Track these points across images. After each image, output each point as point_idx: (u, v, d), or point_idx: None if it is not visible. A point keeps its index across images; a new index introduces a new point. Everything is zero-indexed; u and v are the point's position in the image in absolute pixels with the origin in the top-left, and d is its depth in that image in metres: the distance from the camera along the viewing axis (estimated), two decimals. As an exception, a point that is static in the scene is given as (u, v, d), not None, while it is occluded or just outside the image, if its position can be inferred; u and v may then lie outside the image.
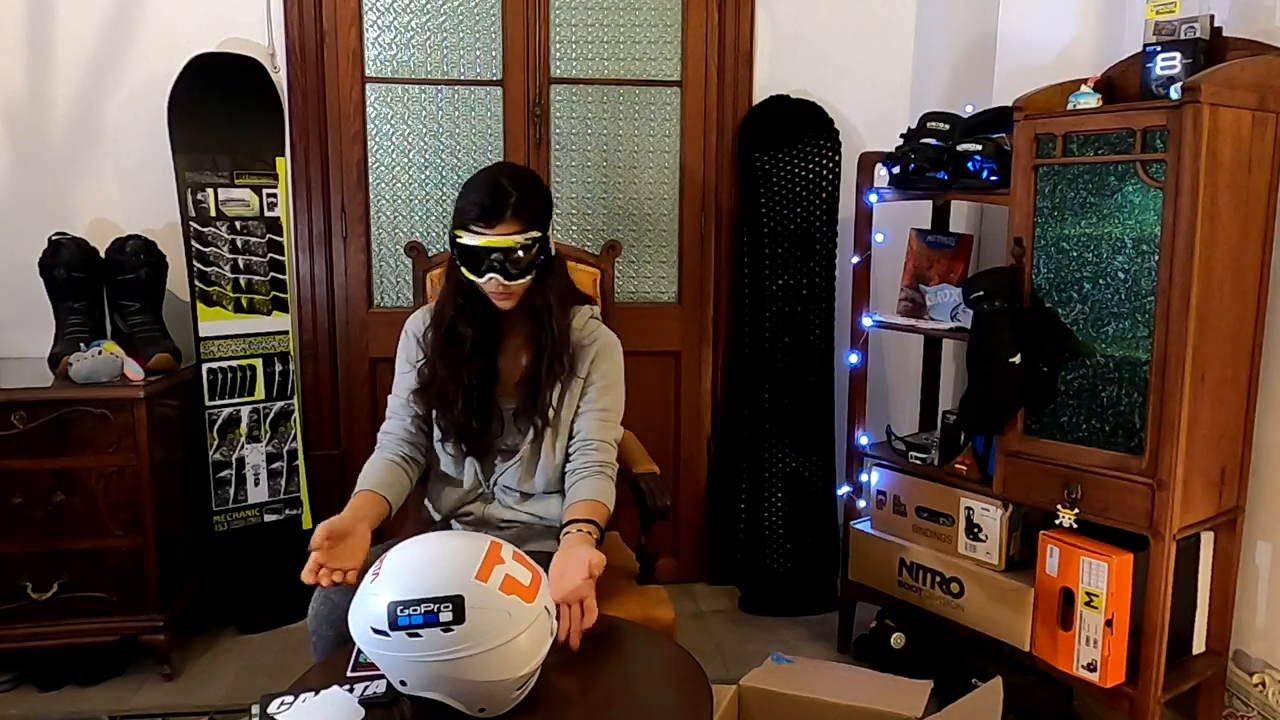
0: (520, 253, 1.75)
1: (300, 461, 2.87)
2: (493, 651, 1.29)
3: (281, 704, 1.37)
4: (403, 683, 1.33)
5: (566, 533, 1.71)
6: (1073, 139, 2.09)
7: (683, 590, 3.16)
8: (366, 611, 1.32)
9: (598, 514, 1.77)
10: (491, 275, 1.75)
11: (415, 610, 1.28)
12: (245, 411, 2.80)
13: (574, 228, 3.12)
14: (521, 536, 1.88)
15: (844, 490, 2.81)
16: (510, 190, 1.76)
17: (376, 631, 1.30)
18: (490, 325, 1.87)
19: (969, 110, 2.50)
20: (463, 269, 1.79)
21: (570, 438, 1.89)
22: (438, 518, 1.97)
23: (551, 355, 1.84)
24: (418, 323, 1.96)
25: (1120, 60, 2.32)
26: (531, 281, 1.80)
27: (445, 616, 1.28)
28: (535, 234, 1.77)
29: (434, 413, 1.88)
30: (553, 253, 1.84)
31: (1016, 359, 2.15)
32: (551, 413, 1.86)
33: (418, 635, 1.28)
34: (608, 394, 1.90)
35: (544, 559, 1.63)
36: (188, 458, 2.74)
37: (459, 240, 1.77)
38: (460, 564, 1.33)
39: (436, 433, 1.90)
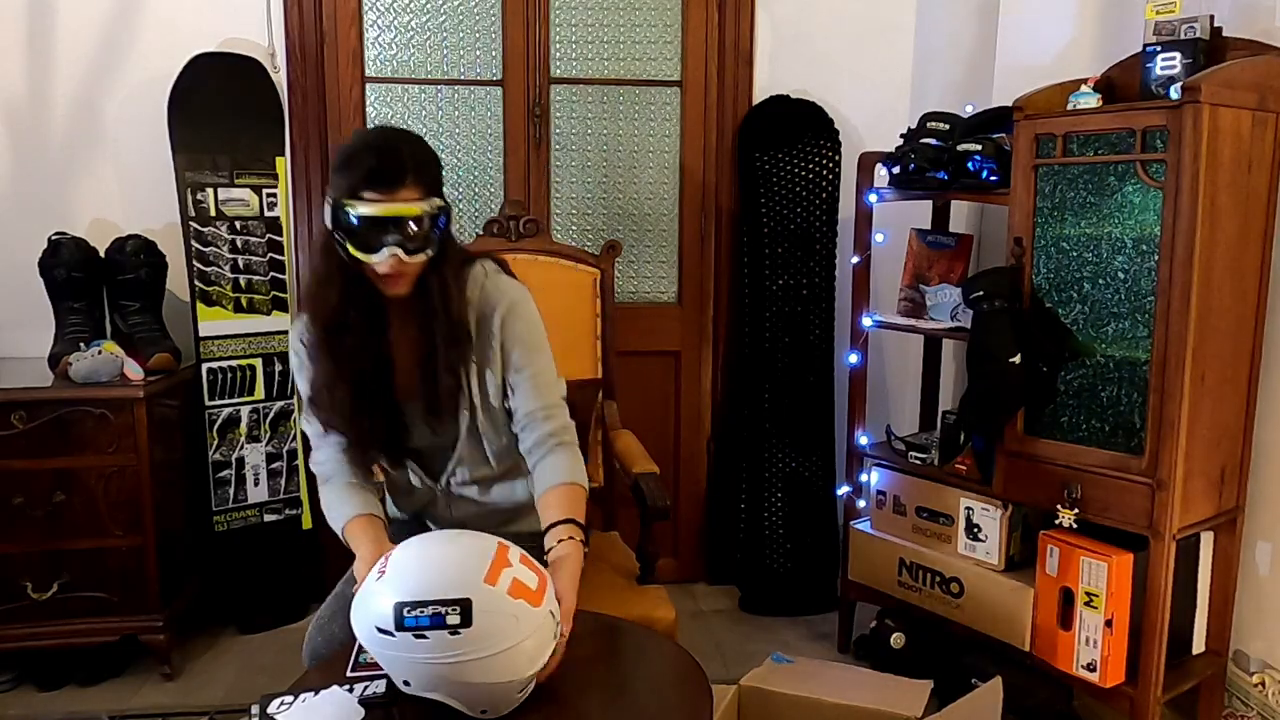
0: (416, 225, 1.54)
1: (300, 461, 2.87)
2: (499, 655, 1.28)
3: (281, 704, 1.37)
4: (406, 683, 1.32)
5: (550, 548, 1.58)
6: (1073, 139, 2.09)
7: (683, 590, 3.16)
8: (371, 610, 1.31)
9: (575, 503, 1.64)
10: (391, 252, 1.52)
11: (422, 612, 1.27)
12: (245, 411, 2.80)
13: (574, 228, 3.12)
14: (491, 522, 1.79)
15: (844, 490, 2.81)
16: (404, 150, 1.56)
17: (381, 631, 1.29)
18: (377, 314, 1.65)
19: (969, 110, 2.50)
20: (350, 248, 1.54)
21: (510, 415, 1.73)
22: (405, 516, 1.90)
23: (446, 343, 1.63)
24: (303, 333, 1.71)
25: (1120, 60, 2.32)
26: (428, 257, 1.59)
27: (453, 619, 1.26)
28: (438, 201, 1.58)
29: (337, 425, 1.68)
30: (451, 223, 1.63)
31: (1016, 359, 2.15)
32: (478, 398, 1.70)
33: (424, 637, 1.27)
34: (533, 355, 1.71)
35: (526, 539, 1.60)
36: (188, 458, 2.74)
37: (351, 211, 1.51)
38: (468, 566, 1.31)
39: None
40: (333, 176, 1.56)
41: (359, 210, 1.51)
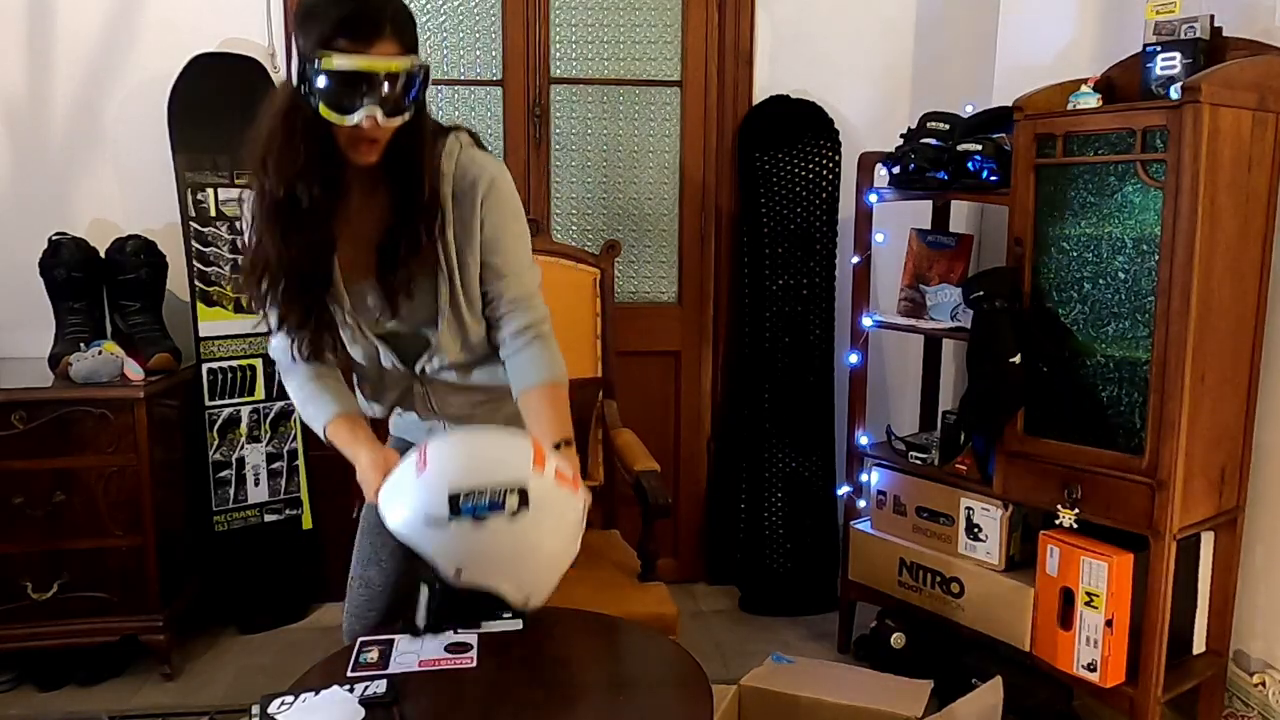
0: (392, 84, 1.39)
1: (300, 461, 2.87)
2: (552, 538, 1.33)
3: (281, 704, 1.37)
4: (459, 572, 1.34)
5: None
6: (1073, 139, 2.09)
7: (683, 590, 3.15)
8: (417, 501, 1.31)
9: (561, 410, 1.58)
10: (368, 112, 1.38)
11: (480, 498, 1.29)
12: (245, 411, 2.80)
13: (574, 228, 3.12)
14: (481, 410, 1.72)
15: (844, 490, 2.81)
16: (381, 0, 1.40)
17: (432, 521, 1.30)
18: (334, 186, 1.50)
19: (969, 110, 2.50)
20: (321, 107, 1.39)
21: (485, 302, 1.63)
22: (380, 413, 1.77)
23: (417, 215, 1.51)
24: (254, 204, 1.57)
25: (1120, 60, 2.32)
26: (404, 122, 1.45)
27: (511, 503, 1.30)
28: (417, 59, 1.43)
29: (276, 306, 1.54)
30: (427, 86, 1.48)
31: (1016, 359, 2.15)
32: (459, 277, 1.57)
33: (483, 522, 1.29)
34: (513, 239, 1.61)
35: (519, 423, 1.59)
36: (188, 458, 2.74)
37: (324, 65, 1.36)
38: (516, 454, 1.35)
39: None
40: (298, 27, 1.40)
41: (334, 63, 1.35)
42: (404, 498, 1.34)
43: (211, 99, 2.74)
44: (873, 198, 2.63)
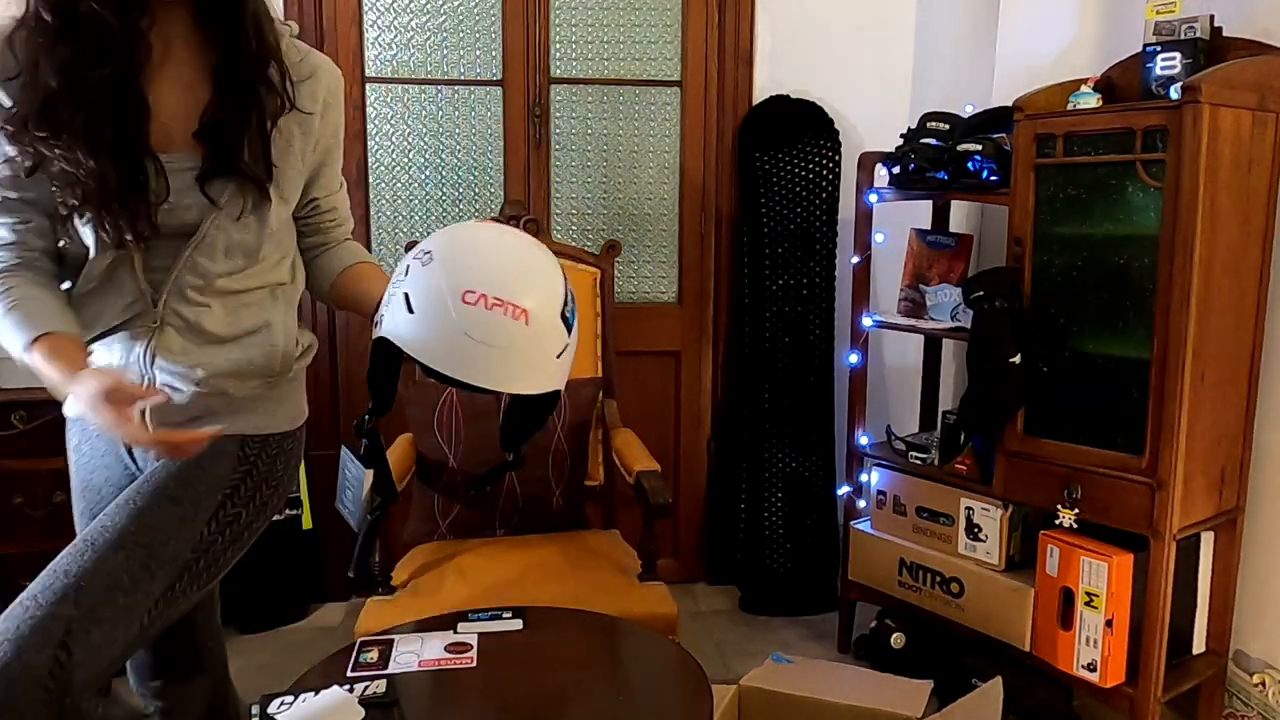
0: None
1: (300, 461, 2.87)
2: None
3: (281, 704, 1.37)
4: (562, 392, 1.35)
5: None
6: (1073, 139, 2.09)
7: (683, 590, 3.15)
8: (545, 340, 1.24)
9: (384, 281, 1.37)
10: None
11: (568, 306, 1.29)
12: (245, 411, 2.79)
13: (574, 228, 3.12)
14: (212, 398, 1.36)
15: (844, 490, 2.81)
16: None
17: (560, 353, 1.28)
18: (131, 23, 1.19)
19: (969, 110, 2.50)
20: None
21: (307, 216, 1.45)
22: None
23: (252, 63, 1.26)
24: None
25: (1120, 60, 2.32)
26: None
27: (572, 304, 1.32)
28: None
29: (52, 182, 1.19)
30: None
31: (1016, 359, 2.15)
32: (259, 160, 1.28)
33: (572, 327, 1.30)
34: (339, 153, 1.45)
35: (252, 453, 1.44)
36: (188, 458, 2.74)
37: None
38: (550, 256, 1.34)
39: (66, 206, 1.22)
40: None
41: None
42: (525, 342, 1.20)
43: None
44: (873, 198, 2.63)
